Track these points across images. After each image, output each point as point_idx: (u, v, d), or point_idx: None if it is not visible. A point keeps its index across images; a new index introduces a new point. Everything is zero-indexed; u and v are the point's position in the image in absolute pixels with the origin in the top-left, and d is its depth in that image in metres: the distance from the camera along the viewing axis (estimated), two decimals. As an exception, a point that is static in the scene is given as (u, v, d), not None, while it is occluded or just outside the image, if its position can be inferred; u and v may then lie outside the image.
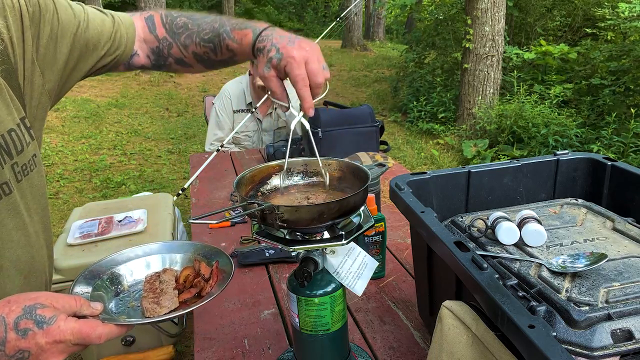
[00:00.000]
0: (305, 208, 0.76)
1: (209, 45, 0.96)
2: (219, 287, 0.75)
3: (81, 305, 0.66)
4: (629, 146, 4.77)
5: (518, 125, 5.32)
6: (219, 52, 0.96)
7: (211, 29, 0.96)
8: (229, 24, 0.95)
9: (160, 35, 0.98)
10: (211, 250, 0.85)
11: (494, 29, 5.95)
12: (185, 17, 0.99)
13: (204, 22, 0.97)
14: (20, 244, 0.76)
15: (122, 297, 0.79)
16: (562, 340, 0.63)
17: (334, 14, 23.33)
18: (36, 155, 0.79)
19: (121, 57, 0.94)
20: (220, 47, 0.95)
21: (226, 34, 0.94)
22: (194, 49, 0.97)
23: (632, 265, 0.76)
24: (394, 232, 1.59)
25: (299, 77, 0.82)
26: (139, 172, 5.03)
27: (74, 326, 0.62)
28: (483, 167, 1.09)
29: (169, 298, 0.75)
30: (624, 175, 1.02)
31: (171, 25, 0.98)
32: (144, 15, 1.00)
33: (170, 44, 0.98)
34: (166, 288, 0.77)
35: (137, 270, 0.84)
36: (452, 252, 0.73)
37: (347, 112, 2.25)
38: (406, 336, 1.09)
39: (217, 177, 2.25)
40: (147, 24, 0.98)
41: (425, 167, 5.39)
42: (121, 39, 0.92)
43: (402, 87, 8.37)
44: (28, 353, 0.59)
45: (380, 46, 15.80)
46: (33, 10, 0.76)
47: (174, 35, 0.97)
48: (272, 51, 0.85)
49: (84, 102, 7.68)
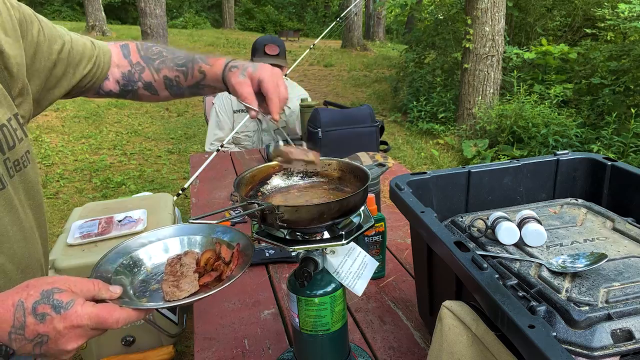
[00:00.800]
0: (305, 208, 0.76)
1: (181, 69, 1.00)
2: (240, 270, 0.74)
3: (99, 289, 0.66)
4: (629, 146, 4.77)
5: (518, 125, 5.32)
6: (189, 76, 1.01)
7: (185, 56, 1.02)
8: (204, 54, 1.02)
9: (134, 61, 1.01)
10: (232, 233, 0.85)
11: (494, 29, 5.95)
12: (161, 47, 1.04)
13: (179, 52, 1.03)
14: (16, 238, 0.76)
15: (144, 279, 0.78)
16: (562, 340, 0.63)
17: (334, 14, 23.35)
18: (29, 151, 0.80)
19: (97, 80, 0.97)
20: (192, 71, 1.00)
21: (201, 58, 1.00)
22: (166, 73, 1.01)
23: (632, 265, 0.76)
24: (394, 232, 1.59)
25: (271, 84, 0.91)
26: (139, 172, 5.03)
27: (92, 311, 0.62)
28: (483, 167, 1.09)
29: (189, 281, 0.74)
30: (624, 176, 1.02)
31: (146, 52, 1.02)
32: (120, 44, 1.04)
33: (143, 68, 1.01)
34: (186, 271, 0.76)
35: (157, 253, 0.83)
36: (452, 252, 0.73)
37: (347, 112, 2.25)
38: (406, 336, 1.09)
39: (217, 177, 2.25)
40: (122, 50, 1.02)
41: (425, 167, 5.39)
42: (100, 62, 0.96)
43: (402, 87, 8.37)
44: (47, 337, 0.60)
45: (380, 46, 15.80)
46: (19, 18, 0.78)
47: (148, 61, 1.02)
48: (248, 67, 0.95)
49: (84, 102, 7.68)
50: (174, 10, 20.83)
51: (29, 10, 0.82)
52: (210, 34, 16.27)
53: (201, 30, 17.62)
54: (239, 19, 21.79)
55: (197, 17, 21.13)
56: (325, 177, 0.94)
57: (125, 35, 13.63)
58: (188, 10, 21.33)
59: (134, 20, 17.86)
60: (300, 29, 20.66)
